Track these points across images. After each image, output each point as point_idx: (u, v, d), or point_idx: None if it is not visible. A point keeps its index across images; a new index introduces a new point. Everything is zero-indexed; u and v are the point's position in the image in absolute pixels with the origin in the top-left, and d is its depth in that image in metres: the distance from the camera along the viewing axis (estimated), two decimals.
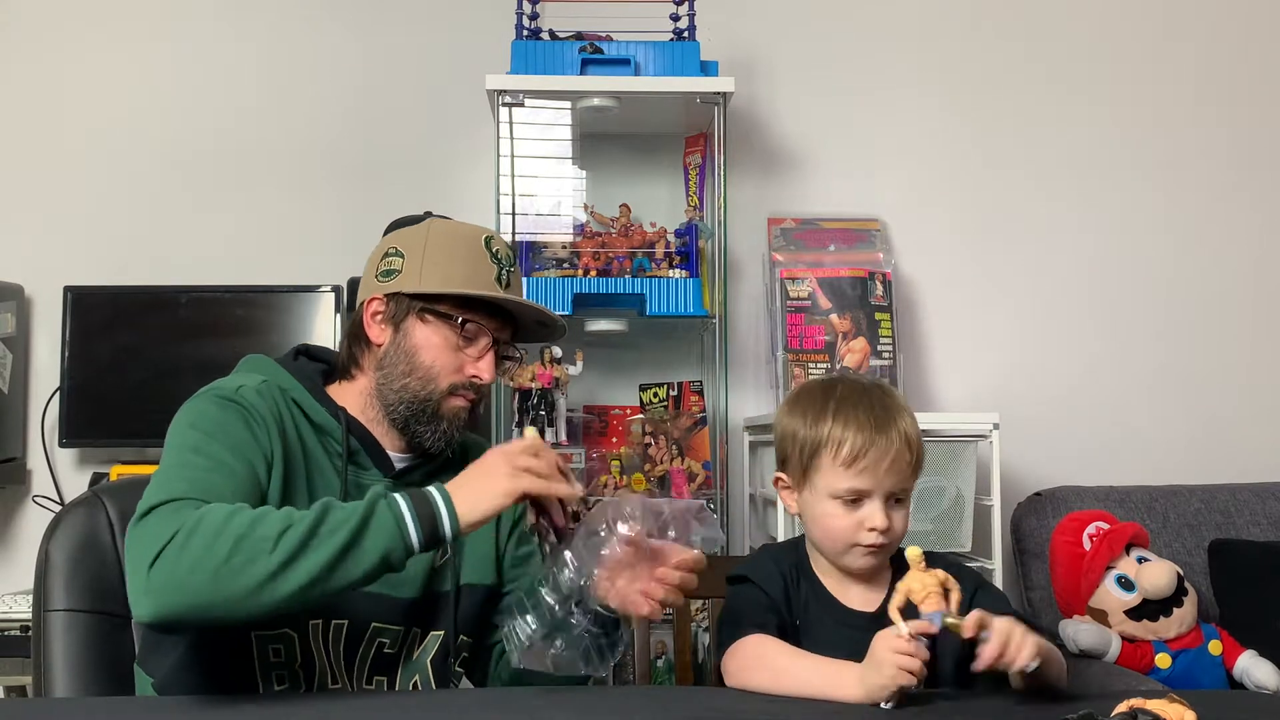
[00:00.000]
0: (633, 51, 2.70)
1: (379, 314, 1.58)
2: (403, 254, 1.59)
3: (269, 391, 1.53)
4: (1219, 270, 3.07)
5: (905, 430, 1.51)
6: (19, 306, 2.89)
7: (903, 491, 1.51)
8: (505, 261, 1.60)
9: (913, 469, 1.51)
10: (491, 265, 1.58)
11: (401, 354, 1.56)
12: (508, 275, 1.60)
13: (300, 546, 1.27)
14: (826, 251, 2.89)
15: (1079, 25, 3.09)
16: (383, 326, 1.58)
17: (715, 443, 2.75)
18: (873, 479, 1.50)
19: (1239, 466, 2.89)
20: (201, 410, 1.47)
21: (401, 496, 1.34)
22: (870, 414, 1.51)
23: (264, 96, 3.00)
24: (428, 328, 1.56)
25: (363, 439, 1.57)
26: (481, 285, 1.56)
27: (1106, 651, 2.39)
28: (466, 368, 1.57)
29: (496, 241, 1.61)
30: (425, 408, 1.56)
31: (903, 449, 1.50)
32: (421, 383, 1.56)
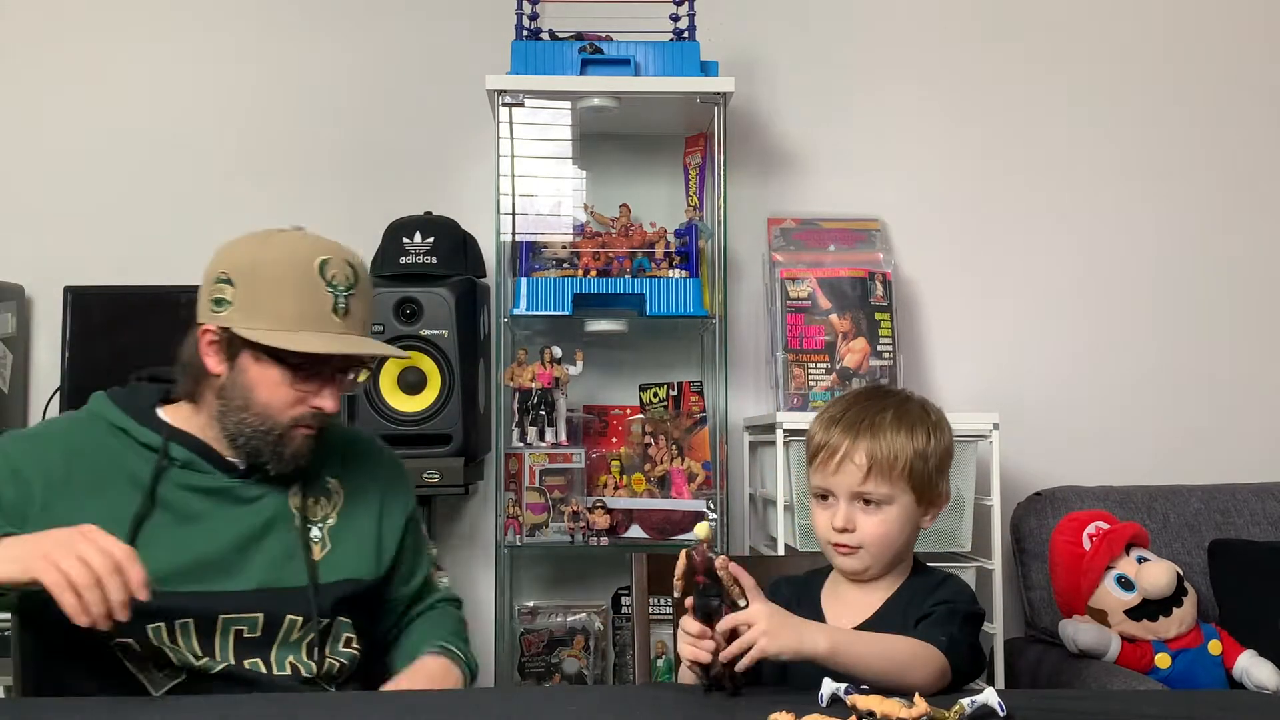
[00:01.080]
0: (633, 51, 2.70)
1: (213, 345, 1.55)
2: (232, 282, 1.52)
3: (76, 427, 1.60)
4: (1219, 270, 3.07)
5: (870, 444, 1.49)
6: (19, 306, 2.89)
7: (873, 495, 1.50)
8: (342, 286, 1.53)
9: (868, 475, 1.49)
10: (327, 294, 1.52)
11: (238, 389, 1.54)
12: (346, 302, 1.53)
13: None
14: (826, 251, 2.89)
15: (1079, 26, 3.09)
16: (218, 358, 1.55)
17: (715, 443, 2.75)
18: (823, 476, 1.52)
19: (1239, 466, 2.89)
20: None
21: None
22: (849, 416, 1.52)
23: (264, 96, 3.00)
24: (261, 366, 1.52)
25: (196, 447, 1.57)
26: (315, 320, 1.51)
27: (1106, 651, 2.39)
28: (308, 400, 1.54)
29: (333, 265, 1.53)
30: (266, 440, 1.54)
31: (855, 454, 1.49)
32: (260, 419, 1.53)
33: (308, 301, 1.50)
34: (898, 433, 1.50)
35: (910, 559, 1.58)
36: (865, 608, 1.54)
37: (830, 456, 1.51)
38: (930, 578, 1.57)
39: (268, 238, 1.55)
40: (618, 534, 2.63)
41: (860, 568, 1.53)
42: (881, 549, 1.52)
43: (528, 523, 2.59)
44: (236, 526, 1.57)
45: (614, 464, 2.74)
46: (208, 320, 1.54)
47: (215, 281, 1.53)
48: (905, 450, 1.50)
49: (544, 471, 2.63)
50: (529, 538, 2.59)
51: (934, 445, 1.53)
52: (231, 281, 1.51)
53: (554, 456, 2.64)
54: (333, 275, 1.52)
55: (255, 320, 1.50)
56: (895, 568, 1.56)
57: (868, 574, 1.54)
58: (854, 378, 2.73)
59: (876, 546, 1.51)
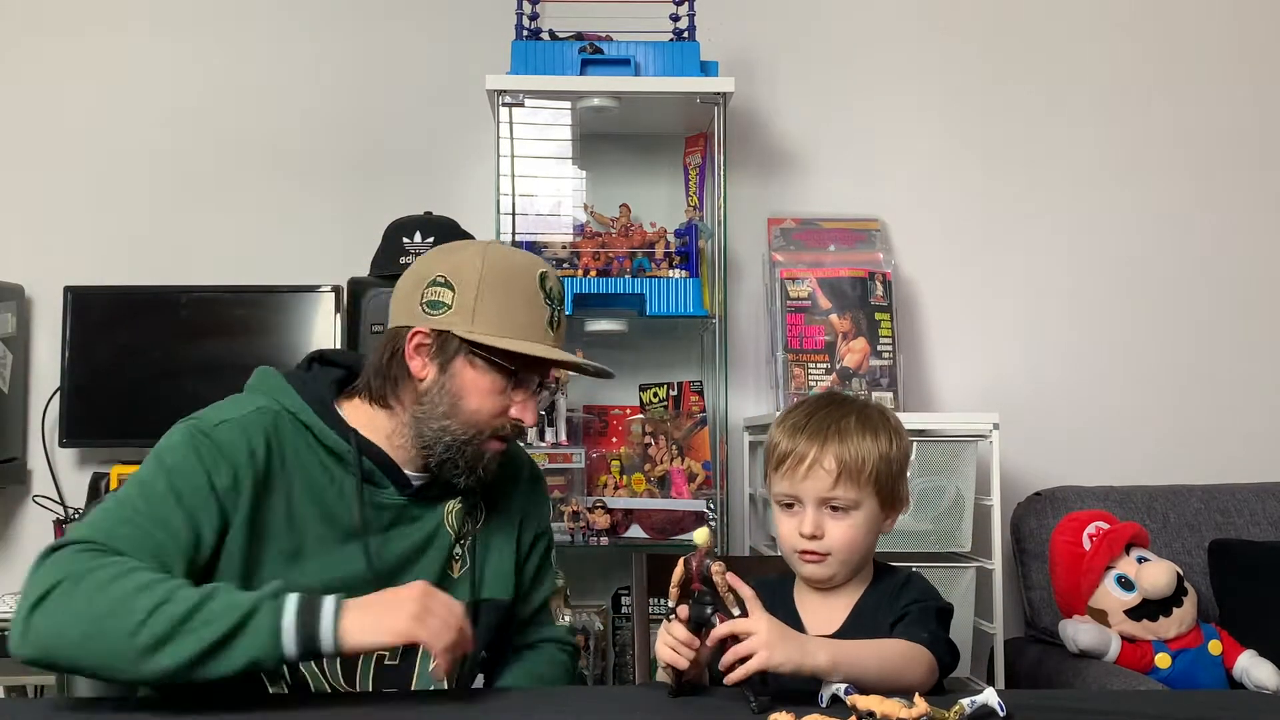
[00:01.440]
0: (633, 51, 2.70)
1: (423, 347, 1.50)
2: (452, 286, 1.48)
3: (261, 420, 1.47)
4: (1219, 270, 3.07)
5: (839, 449, 1.49)
6: (19, 306, 2.89)
7: (841, 501, 1.50)
8: (557, 300, 1.53)
9: (837, 480, 1.49)
10: (545, 306, 1.51)
11: (445, 394, 1.49)
12: (558, 315, 1.53)
13: (169, 631, 1.24)
14: (826, 251, 2.89)
15: (1078, 25, 3.09)
16: (426, 360, 1.50)
17: (715, 443, 2.75)
18: (791, 483, 1.52)
19: (1239, 466, 2.89)
20: (170, 445, 1.44)
21: (292, 602, 1.28)
22: (813, 423, 1.52)
23: (264, 96, 3.00)
24: (476, 371, 1.49)
25: (378, 459, 1.52)
26: (537, 333, 1.50)
27: (1106, 651, 2.39)
28: (511, 410, 1.52)
29: (550, 278, 1.53)
30: (464, 451, 1.50)
31: (825, 459, 1.49)
32: (464, 426, 1.50)
33: (531, 312, 1.49)
34: (863, 437, 1.51)
35: (871, 563, 1.58)
36: (837, 613, 1.55)
37: (798, 463, 1.50)
38: (894, 578, 1.57)
39: (484, 248, 1.52)
40: (618, 534, 2.64)
41: (827, 575, 1.53)
42: (849, 555, 1.52)
43: None
44: (399, 547, 1.52)
45: (614, 464, 2.74)
46: (420, 322, 1.49)
47: (431, 284, 1.49)
48: (871, 454, 1.50)
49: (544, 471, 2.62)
50: None
51: (895, 450, 1.53)
52: (452, 286, 1.48)
53: (554, 456, 2.64)
54: (550, 288, 1.52)
55: (479, 324, 1.47)
56: (859, 573, 1.56)
57: (833, 581, 1.54)
58: (854, 377, 2.73)
59: (844, 553, 1.51)
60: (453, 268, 1.49)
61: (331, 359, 1.61)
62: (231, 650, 1.25)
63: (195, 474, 1.40)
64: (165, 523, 1.37)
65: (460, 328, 1.47)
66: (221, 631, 1.25)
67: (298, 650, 1.27)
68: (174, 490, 1.39)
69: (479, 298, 1.47)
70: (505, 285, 1.48)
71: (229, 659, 1.25)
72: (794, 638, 1.35)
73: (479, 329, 1.47)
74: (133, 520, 1.36)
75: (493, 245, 1.54)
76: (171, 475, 1.40)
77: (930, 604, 1.51)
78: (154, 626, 1.23)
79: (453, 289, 1.48)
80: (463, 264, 1.49)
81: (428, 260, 1.53)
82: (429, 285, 1.49)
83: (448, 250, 1.54)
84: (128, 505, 1.38)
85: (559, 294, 1.54)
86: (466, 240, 1.59)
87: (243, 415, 1.47)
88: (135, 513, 1.37)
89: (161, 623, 1.24)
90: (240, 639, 1.25)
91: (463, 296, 1.47)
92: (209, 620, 1.25)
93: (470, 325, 1.47)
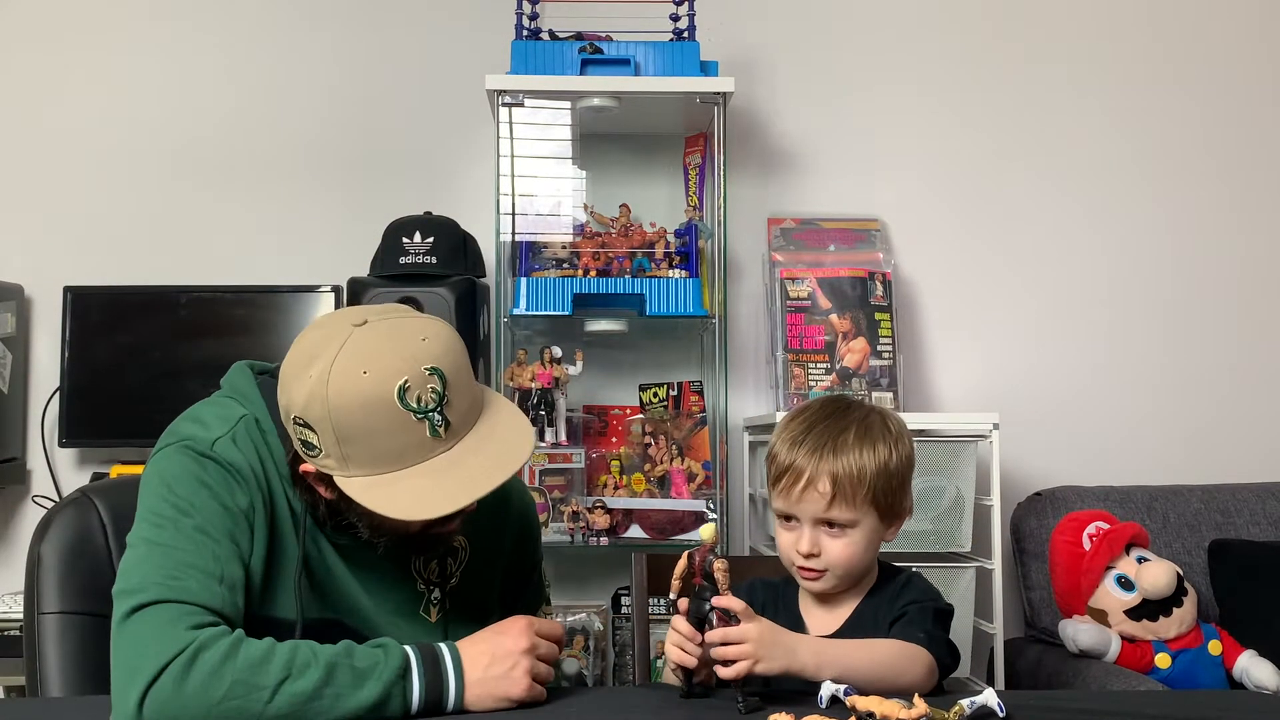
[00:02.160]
0: (633, 51, 2.70)
1: (317, 480, 1.39)
2: (314, 429, 1.32)
3: (246, 433, 1.41)
4: (1219, 270, 3.06)
5: (834, 465, 1.47)
6: (19, 306, 2.89)
7: (838, 520, 1.48)
8: (432, 404, 1.31)
9: (832, 501, 1.47)
10: (419, 424, 1.30)
11: (363, 516, 1.38)
12: (441, 417, 1.32)
13: (298, 706, 1.24)
14: (826, 251, 2.89)
15: (1080, 25, 3.09)
16: (328, 489, 1.38)
17: (715, 443, 2.75)
18: (786, 501, 1.50)
19: (1239, 466, 2.89)
20: (177, 472, 1.37)
21: (418, 681, 1.28)
22: (812, 438, 1.49)
23: (264, 96, 3.00)
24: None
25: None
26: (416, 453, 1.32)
27: (1106, 651, 2.39)
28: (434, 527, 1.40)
29: (413, 387, 1.30)
30: (409, 543, 1.42)
31: (820, 480, 1.46)
32: (393, 535, 1.40)
33: (401, 438, 1.31)
34: (861, 452, 1.48)
35: (876, 565, 1.58)
36: (839, 614, 1.54)
37: (794, 482, 1.48)
38: (895, 579, 1.56)
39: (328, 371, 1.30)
40: (617, 534, 2.64)
41: (826, 588, 1.52)
42: (847, 570, 1.51)
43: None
44: (363, 584, 1.47)
45: (614, 464, 2.74)
46: (304, 458, 1.37)
47: (295, 423, 1.34)
48: (869, 470, 1.47)
49: (544, 471, 2.63)
50: None
51: (896, 460, 1.50)
52: (312, 428, 1.32)
53: (554, 456, 2.64)
54: (418, 398, 1.30)
55: (353, 467, 1.33)
56: (862, 579, 1.56)
57: (834, 590, 1.54)
58: (854, 377, 2.73)
59: (842, 568, 1.50)
60: (304, 407, 1.32)
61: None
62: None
63: (217, 496, 1.36)
64: (215, 554, 1.33)
65: (339, 474, 1.34)
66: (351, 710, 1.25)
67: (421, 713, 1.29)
68: (205, 517, 1.35)
69: (340, 442, 1.31)
70: (359, 423, 1.30)
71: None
72: (783, 643, 1.35)
73: (355, 471, 1.33)
74: (188, 563, 1.32)
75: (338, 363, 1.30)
76: (195, 504, 1.35)
77: (928, 604, 1.51)
78: (280, 704, 1.23)
79: (315, 431, 1.32)
80: (311, 402, 1.31)
81: (286, 383, 1.35)
82: (295, 423, 1.34)
83: (300, 368, 1.33)
84: (173, 550, 1.32)
85: (435, 394, 1.31)
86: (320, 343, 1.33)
87: (233, 430, 1.41)
88: (186, 554, 1.32)
89: (287, 699, 1.23)
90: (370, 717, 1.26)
91: (325, 440, 1.32)
92: (340, 694, 1.25)
93: (346, 470, 1.33)
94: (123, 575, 1.33)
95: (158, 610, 1.28)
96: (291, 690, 1.24)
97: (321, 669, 1.25)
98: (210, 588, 1.31)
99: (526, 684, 1.32)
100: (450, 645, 1.33)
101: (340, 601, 1.45)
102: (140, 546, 1.34)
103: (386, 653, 1.29)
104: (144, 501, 1.38)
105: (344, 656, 1.28)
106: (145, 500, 1.38)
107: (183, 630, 1.26)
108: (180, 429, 1.43)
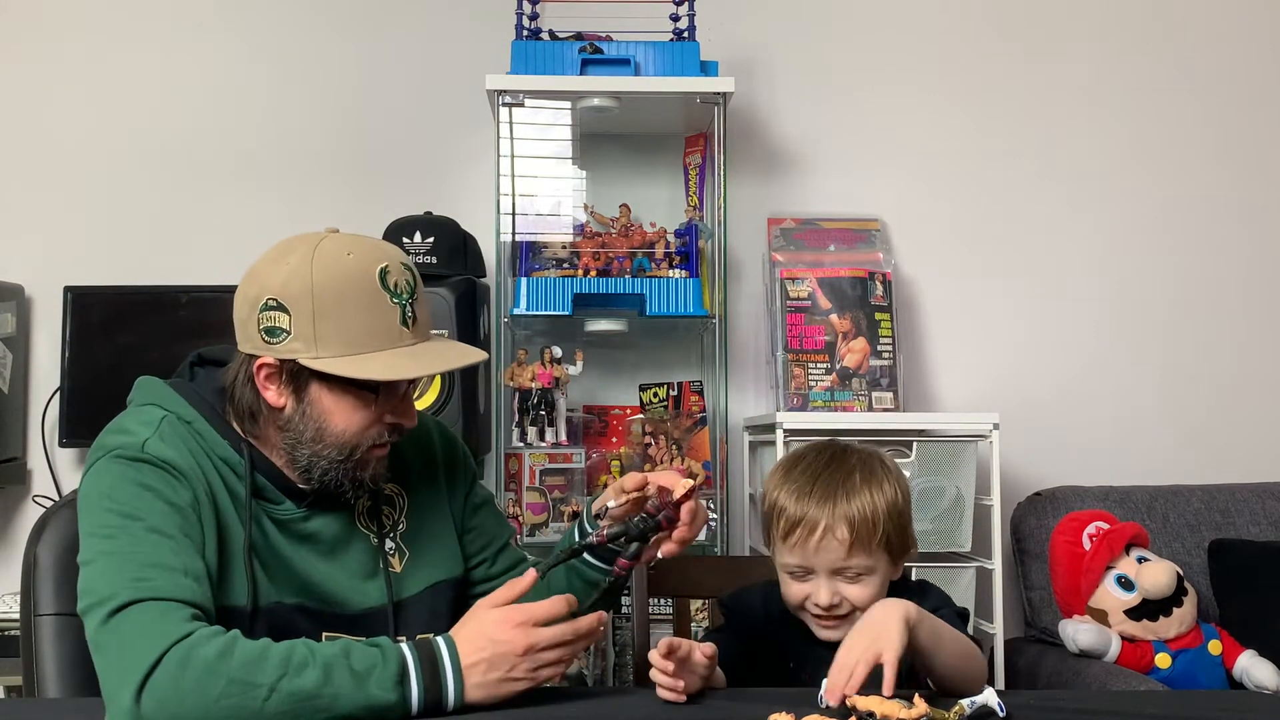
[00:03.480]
0: (633, 51, 2.70)
1: (273, 376, 1.40)
2: (286, 309, 1.36)
3: (173, 430, 1.40)
4: (1218, 270, 3.06)
5: (848, 510, 1.46)
6: (19, 306, 2.89)
7: (857, 567, 1.47)
8: (406, 294, 1.40)
9: (850, 549, 1.45)
10: (393, 306, 1.38)
11: (309, 420, 1.40)
12: (412, 309, 1.40)
13: (296, 705, 1.23)
14: (826, 251, 2.89)
15: (1079, 23, 3.09)
16: (280, 390, 1.40)
17: (715, 443, 2.75)
18: (803, 555, 1.48)
19: (1239, 466, 2.89)
20: (115, 481, 1.35)
21: (416, 687, 1.27)
22: (820, 487, 1.48)
23: (264, 96, 3.00)
24: (334, 395, 1.40)
25: (268, 472, 1.44)
26: (386, 336, 1.38)
27: (1106, 651, 2.39)
28: (385, 418, 1.43)
29: (393, 271, 1.39)
30: (343, 468, 1.42)
31: (837, 528, 1.45)
32: (336, 447, 1.41)
33: (376, 318, 1.37)
34: (870, 493, 1.47)
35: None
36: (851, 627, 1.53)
37: (809, 534, 1.46)
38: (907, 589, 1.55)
39: (311, 253, 1.37)
40: None
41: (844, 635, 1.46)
42: (862, 610, 1.47)
43: (528, 523, 2.59)
44: (308, 561, 1.46)
45: (614, 464, 2.74)
46: (263, 352, 1.39)
47: (264, 309, 1.37)
48: (880, 511, 1.46)
49: (544, 471, 2.63)
50: (529, 538, 2.59)
51: (901, 499, 1.50)
52: (285, 308, 1.36)
53: (554, 456, 2.64)
54: (395, 283, 1.38)
55: (323, 348, 1.36)
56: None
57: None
58: (854, 377, 2.73)
59: (864, 606, 1.46)
60: (281, 287, 1.36)
61: (213, 359, 1.54)
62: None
63: (159, 494, 1.35)
64: (175, 546, 1.33)
65: (305, 355, 1.36)
66: (348, 712, 1.25)
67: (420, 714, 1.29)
68: (154, 529, 1.33)
69: (316, 318, 1.35)
70: (340, 297, 1.36)
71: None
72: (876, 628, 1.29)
73: (324, 352, 1.36)
74: (154, 563, 1.30)
75: (323, 246, 1.39)
76: (142, 515, 1.33)
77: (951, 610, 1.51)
78: (276, 704, 1.23)
79: (287, 312, 1.36)
80: (291, 280, 1.36)
81: (256, 279, 1.40)
82: (262, 309, 1.38)
83: (274, 263, 1.39)
84: (132, 557, 1.30)
85: (408, 285, 1.40)
86: (289, 244, 1.40)
87: (159, 429, 1.40)
88: (146, 559, 1.30)
89: (282, 699, 1.23)
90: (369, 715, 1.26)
91: (299, 319, 1.36)
92: (336, 697, 1.24)
93: (315, 350, 1.36)
94: (86, 592, 1.30)
95: (137, 609, 1.27)
96: (289, 688, 1.23)
97: (319, 668, 1.25)
98: (178, 582, 1.30)
99: (528, 683, 1.32)
100: (449, 643, 1.31)
101: (294, 581, 1.44)
102: (96, 561, 1.32)
103: (384, 655, 1.28)
104: (87, 519, 1.36)
105: (341, 656, 1.27)
106: (88, 517, 1.36)
107: (170, 624, 1.26)
108: (106, 441, 1.41)
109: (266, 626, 1.38)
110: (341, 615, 1.45)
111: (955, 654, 1.36)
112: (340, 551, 1.48)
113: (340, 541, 1.49)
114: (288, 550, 1.45)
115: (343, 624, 1.45)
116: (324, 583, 1.46)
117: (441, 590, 1.54)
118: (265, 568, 1.42)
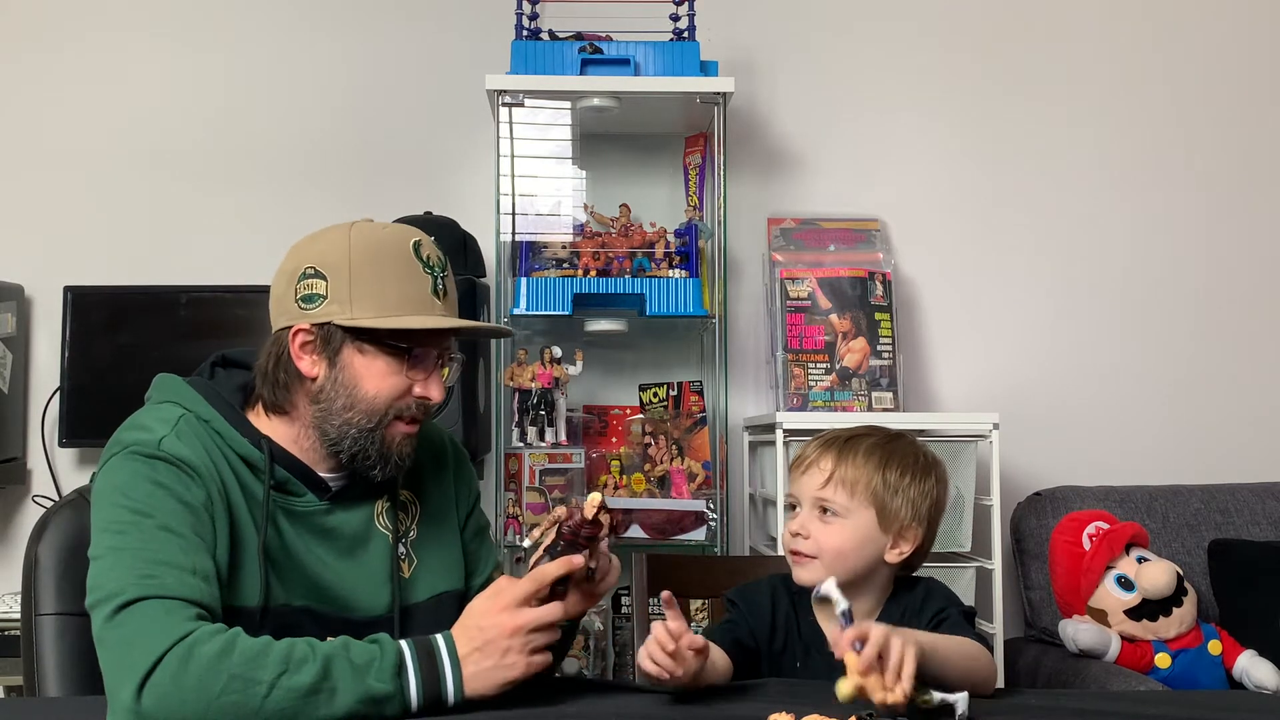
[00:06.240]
0: (632, 51, 2.70)
1: (308, 344, 1.44)
2: (324, 275, 1.43)
3: (190, 429, 1.42)
4: (1219, 270, 3.07)
5: (843, 450, 1.53)
6: (19, 306, 2.89)
7: (831, 504, 1.51)
8: (438, 267, 1.47)
9: (829, 480, 1.52)
10: (425, 276, 1.45)
11: (340, 387, 1.44)
12: (442, 283, 1.47)
13: (296, 701, 1.24)
14: (826, 251, 2.89)
15: (1079, 24, 3.09)
16: (315, 358, 1.44)
17: (715, 443, 2.75)
18: (793, 483, 1.58)
19: (1239, 466, 2.89)
20: (129, 477, 1.37)
21: (414, 679, 1.28)
22: (834, 435, 1.58)
23: (264, 96, 3.00)
24: (366, 357, 1.43)
25: (290, 466, 1.46)
26: (418, 304, 1.44)
27: (1106, 651, 2.39)
28: (414, 389, 1.46)
29: (425, 245, 1.47)
30: (372, 439, 1.44)
31: (824, 459, 1.53)
32: (366, 414, 1.44)
33: (410, 284, 1.43)
34: (870, 454, 1.53)
35: (890, 584, 1.56)
36: None
37: (800, 463, 1.57)
38: (915, 589, 1.56)
39: (349, 228, 1.46)
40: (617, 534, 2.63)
41: (813, 579, 1.45)
42: (834, 561, 1.49)
43: (528, 523, 2.59)
44: (326, 558, 1.47)
45: (614, 464, 2.74)
46: (298, 320, 1.44)
47: (302, 278, 1.44)
48: (867, 466, 1.52)
49: (544, 471, 2.63)
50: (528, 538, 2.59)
51: (910, 478, 1.53)
52: (323, 275, 1.42)
53: (554, 456, 2.64)
54: (428, 256, 1.46)
55: (358, 309, 1.42)
56: (866, 590, 1.54)
57: (818, 582, 1.50)
58: (854, 377, 2.73)
59: (829, 557, 1.49)
60: (320, 255, 1.44)
61: (235, 360, 1.56)
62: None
63: (173, 492, 1.36)
64: (185, 545, 1.33)
65: (340, 316, 1.42)
66: (348, 707, 1.25)
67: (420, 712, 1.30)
68: (167, 514, 1.34)
69: (353, 281, 1.42)
70: (376, 262, 1.43)
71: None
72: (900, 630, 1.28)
73: (359, 313, 1.42)
74: (162, 558, 1.31)
75: (359, 223, 1.48)
76: (154, 504, 1.35)
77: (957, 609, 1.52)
78: (277, 699, 1.23)
79: (324, 278, 1.43)
80: (329, 249, 1.44)
81: (295, 253, 1.48)
82: (301, 279, 1.44)
83: (313, 239, 1.48)
84: (141, 553, 1.31)
85: (439, 260, 1.47)
86: (329, 227, 1.50)
87: (176, 427, 1.41)
88: (155, 556, 1.31)
89: (284, 695, 1.23)
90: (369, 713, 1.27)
91: (336, 283, 1.42)
92: (336, 691, 1.25)
93: (350, 312, 1.42)
94: (94, 587, 1.32)
95: (143, 606, 1.28)
96: (289, 685, 1.24)
97: (319, 664, 1.26)
98: (186, 581, 1.31)
99: (524, 665, 1.33)
100: (446, 637, 1.33)
101: (304, 583, 1.45)
102: (106, 556, 1.33)
103: (382, 648, 1.29)
104: (100, 514, 1.37)
105: (340, 651, 1.28)
106: (101, 512, 1.37)
107: (174, 622, 1.26)
108: (123, 437, 1.42)
109: (273, 628, 1.38)
110: (348, 620, 1.46)
111: (961, 670, 1.35)
112: (359, 549, 1.50)
113: (359, 539, 1.50)
114: (301, 550, 1.45)
115: (348, 628, 1.44)
116: (334, 584, 1.47)
117: (446, 601, 1.55)
118: (276, 568, 1.43)
